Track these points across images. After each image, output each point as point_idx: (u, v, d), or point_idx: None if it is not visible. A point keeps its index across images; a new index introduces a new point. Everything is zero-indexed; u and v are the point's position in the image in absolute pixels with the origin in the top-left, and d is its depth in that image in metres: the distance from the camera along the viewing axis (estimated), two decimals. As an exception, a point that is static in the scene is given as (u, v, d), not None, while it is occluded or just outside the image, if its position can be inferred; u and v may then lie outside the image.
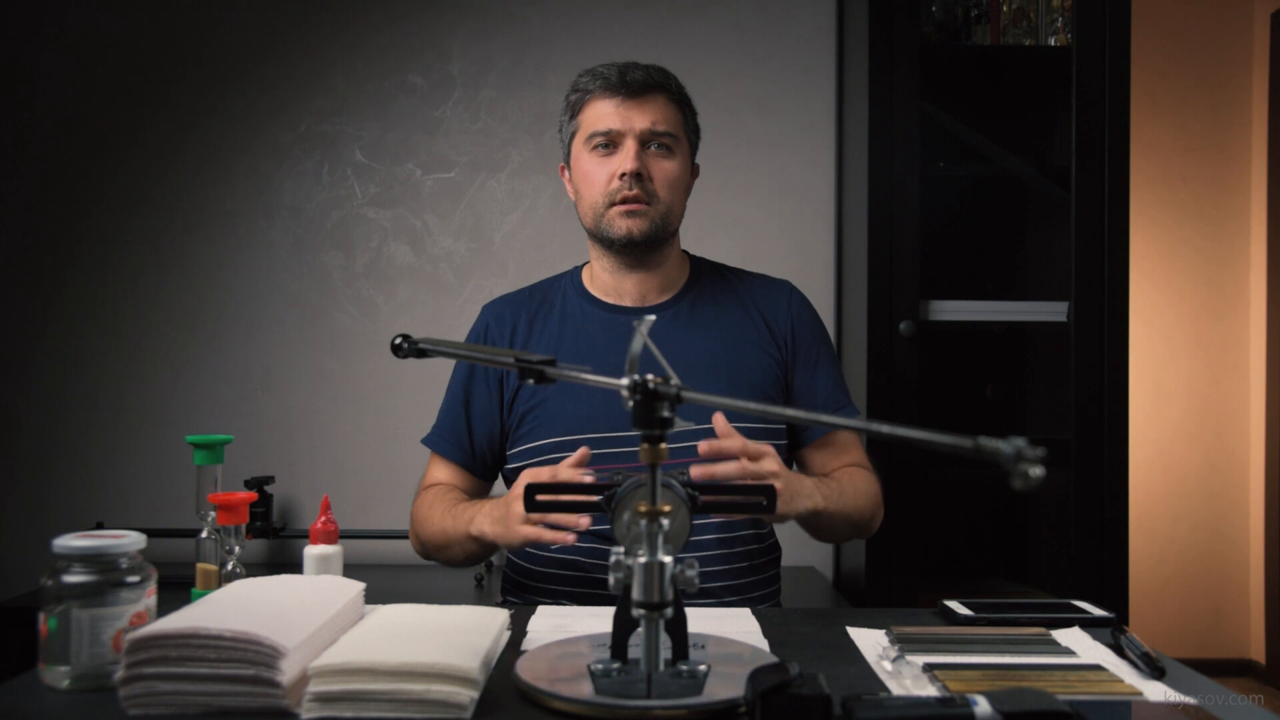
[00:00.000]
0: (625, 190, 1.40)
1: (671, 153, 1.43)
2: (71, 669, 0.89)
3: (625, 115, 1.41)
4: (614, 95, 1.41)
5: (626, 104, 1.41)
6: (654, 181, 1.42)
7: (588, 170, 1.44)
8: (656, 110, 1.42)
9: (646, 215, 1.41)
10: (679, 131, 1.45)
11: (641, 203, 1.41)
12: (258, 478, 2.45)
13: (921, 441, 0.71)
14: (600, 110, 1.42)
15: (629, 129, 1.41)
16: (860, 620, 1.12)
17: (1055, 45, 2.35)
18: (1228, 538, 3.25)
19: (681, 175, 1.46)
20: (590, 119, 1.43)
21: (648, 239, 1.42)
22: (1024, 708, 0.75)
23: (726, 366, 1.45)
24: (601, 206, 1.43)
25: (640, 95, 1.41)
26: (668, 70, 1.47)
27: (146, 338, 2.59)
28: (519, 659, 0.92)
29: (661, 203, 1.42)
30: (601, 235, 1.45)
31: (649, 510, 0.84)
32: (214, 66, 2.61)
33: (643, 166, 1.41)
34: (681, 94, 1.48)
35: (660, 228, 1.43)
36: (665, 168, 1.43)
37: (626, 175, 1.40)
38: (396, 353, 1.02)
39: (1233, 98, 3.25)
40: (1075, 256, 2.24)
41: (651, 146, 1.42)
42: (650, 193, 1.41)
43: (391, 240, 2.61)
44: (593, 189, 1.43)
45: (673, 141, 1.43)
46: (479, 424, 1.49)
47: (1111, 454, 2.22)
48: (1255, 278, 3.23)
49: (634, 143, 1.41)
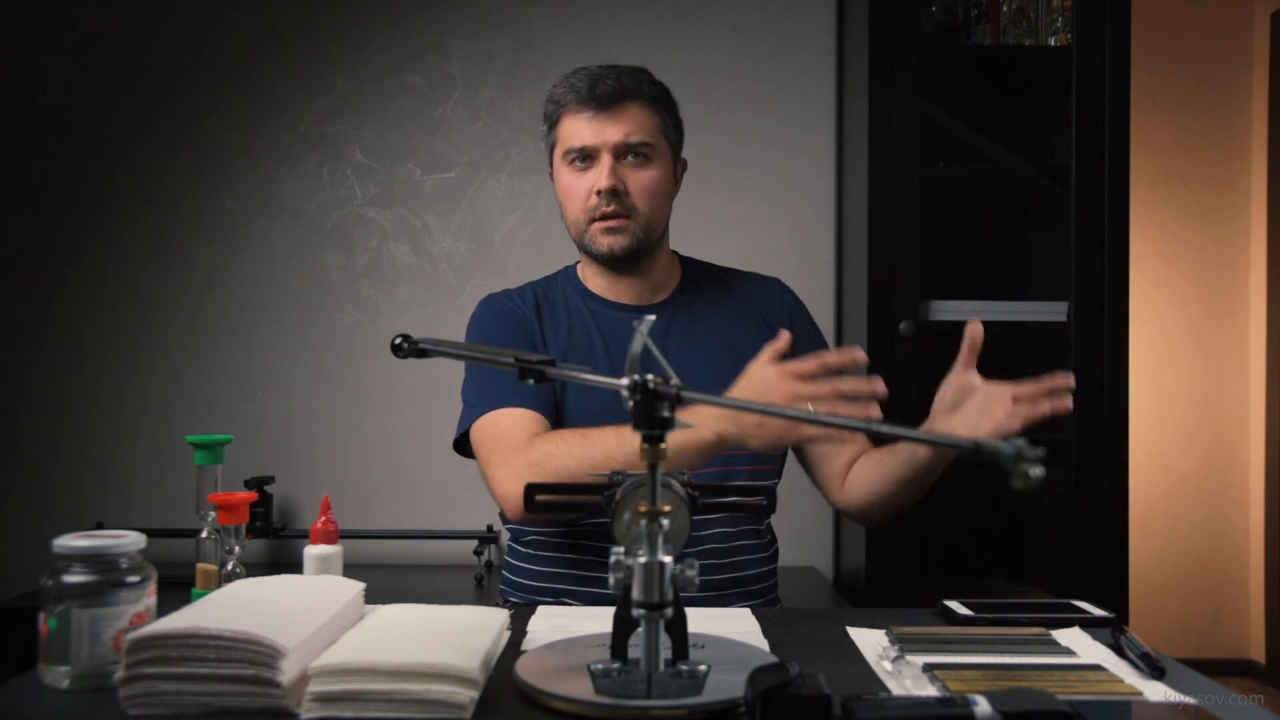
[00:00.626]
0: (603, 207, 1.39)
1: (649, 160, 1.41)
2: (71, 669, 0.89)
3: (598, 129, 1.39)
4: (586, 108, 1.39)
5: (599, 117, 1.39)
6: (631, 194, 1.40)
7: (566, 185, 1.43)
8: (630, 120, 1.39)
9: (626, 230, 1.40)
10: (654, 138, 1.42)
11: (620, 217, 1.39)
12: (258, 478, 2.46)
13: (921, 441, 0.71)
14: (573, 125, 1.40)
15: (602, 143, 1.39)
16: (860, 620, 1.12)
17: (1055, 45, 2.35)
18: (1228, 538, 3.25)
19: (661, 182, 1.43)
20: (565, 133, 1.42)
21: (629, 252, 1.41)
22: (1024, 708, 0.75)
23: (730, 366, 1.43)
24: (583, 222, 1.42)
25: (611, 106, 1.39)
26: (642, 71, 1.44)
27: (146, 338, 2.59)
28: (519, 659, 0.92)
29: (641, 214, 1.41)
30: (585, 249, 1.45)
31: (649, 510, 0.84)
32: (214, 67, 2.61)
33: (618, 181, 1.38)
34: (657, 96, 1.44)
35: (642, 240, 1.42)
36: (642, 178, 1.40)
37: (603, 192, 1.38)
38: (396, 353, 1.01)
39: (1233, 98, 3.25)
40: (1075, 256, 2.24)
41: (628, 157, 1.40)
42: (629, 206, 1.40)
43: (391, 240, 2.61)
44: (572, 204, 1.42)
45: (649, 150, 1.41)
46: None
47: (1111, 454, 2.22)
48: (1255, 278, 3.23)
49: (609, 157, 1.39)
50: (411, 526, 2.54)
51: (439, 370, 2.36)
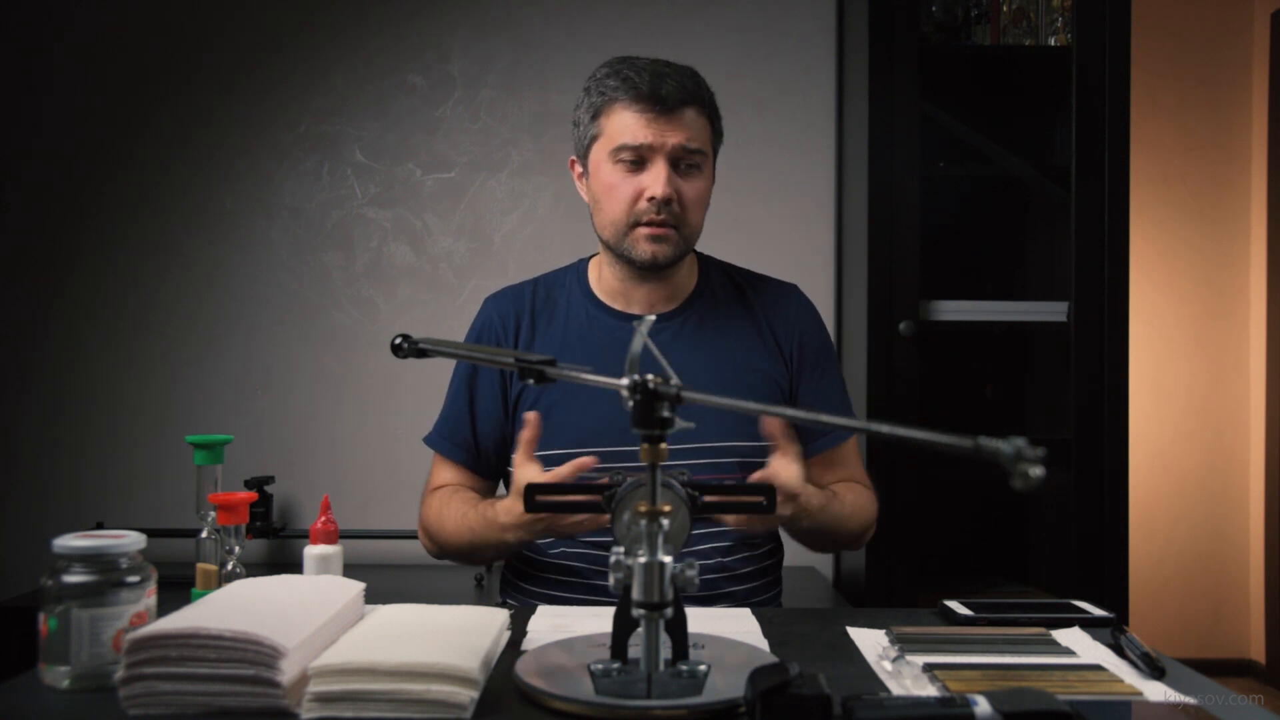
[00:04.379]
0: (653, 214, 1.33)
1: (700, 170, 1.36)
2: (71, 669, 0.89)
3: (658, 131, 1.32)
4: (645, 107, 1.32)
5: (660, 119, 1.32)
6: (683, 204, 1.34)
7: (611, 184, 1.35)
8: (689, 126, 1.33)
9: (671, 240, 1.35)
10: (709, 146, 1.37)
11: (669, 227, 1.34)
12: (258, 478, 2.45)
13: (921, 441, 0.71)
14: (628, 121, 1.33)
15: (661, 146, 1.32)
16: (860, 620, 1.12)
17: (1055, 45, 2.35)
18: (1228, 538, 3.25)
19: (708, 192, 1.39)
20: (617, 129, 1.34)
21: (670, 262, 1.38)
22: (1024, 708, 0.75)
23: (730, 382, 1.41)
24: (624, 225, 1.35)
25: (674, 109, 1.32)
26: (698, 75, 1.38)
27: (146, 338, 2.59)
28: (519, 659, 0.92)
29: (689, 226, 1.36)
30: (622, 253, 1.38)
31: (649, 510, 0.84)
32: (214, 67, 2.61)
33: (673, 189, 1.33)
34: (710, 102, 1.38)
35: (683, 251, 1.38)
36: (695, 187, 1.35)
37: (656, 199, 1.32)
38: (396, 353, 1.01)
39: (1233, 98, 3.25)
40: (1075, 256, 2.24)
41: (681, 165, 1.34)
42: (678, 217, 1.34)
43: (391, 240, 2.61)
44: (616, 205, 1.35)
45: (702, 159, 1.36)
46: (483, 424, 1.45)
47: (1111, 454, 2.22)
48: (1255, 278, 3.23)
49: (665, 164, 1.32)
50: (411, 526, 2.53)
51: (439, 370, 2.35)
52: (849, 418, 1.45)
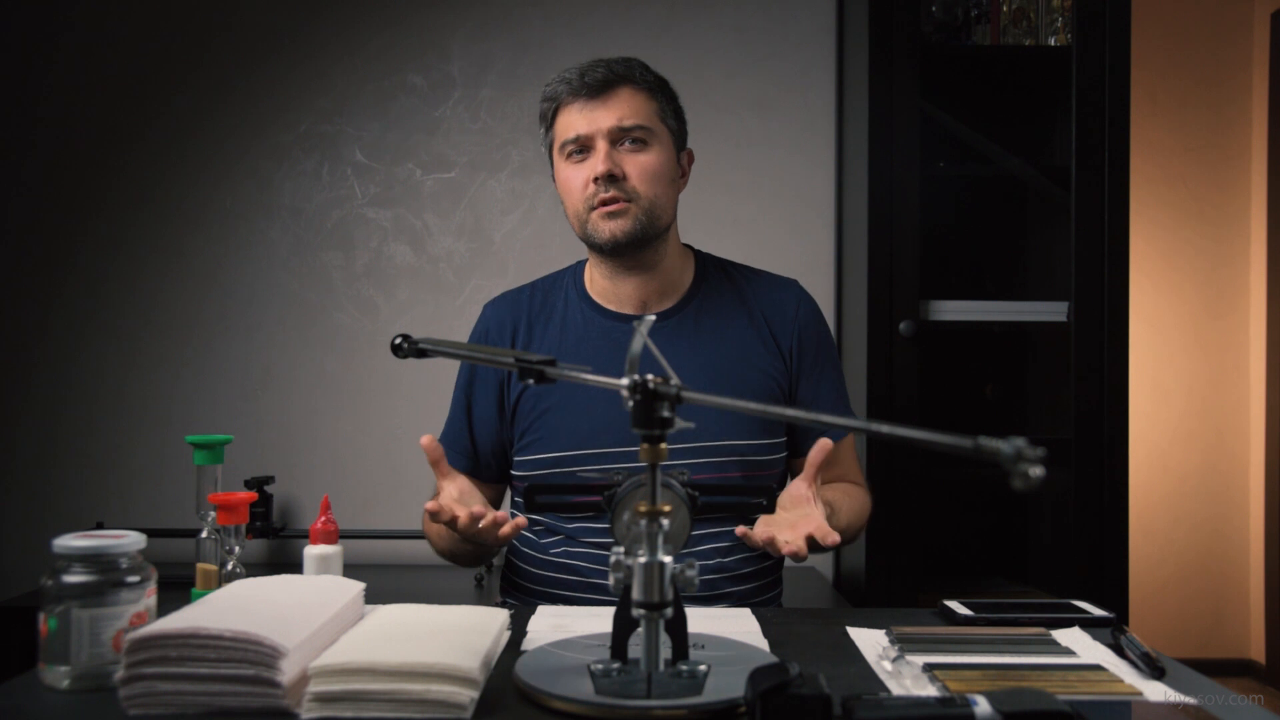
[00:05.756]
0: (601, 193, 1.36)
1: (646, 145, 1.38)
2: (71, 669, 0.89)
3: (590, 117, 1.37)
4: (578, 98, 1.38)
5: (590, 105, 1.37)
6: (630, 179, 1.37)
7: (565, 178, 1.41)
8: (622, 105, 1.37)
9: (628, 214, 1.37)
10: (652, 121, 1.39)
11: (620, 201, 1.36)
12: (258, 478, 2.45)
13: (921, 441, 0.71)
14: (568, 117, 1.39)
15: (596, 130, 1.36)
16: (860, 620, 1.12)
17: (1055, 45, 2.35)
18: (1228, 538, 3.25)
19: (663, 167, 1.40)
20: (561, 127, 1.40)
21: (633, 238, 1.38)
22: (1024, 708, 0.75)
23: (728, 380, 1.41)
24: (583, 213, 1.39)
25: (603, 93, 1.37)
26: (634, 60, 1.41)
27: (146, 338, 2.59)
28: (519, 659, 0.92)
29: (643, 198, 1.37)
30: (589, 241, 1.41)
31: (649, 510, 0.84)
32: (215, 67, 2.61)
33: (615, 166, 1.36)
34: (650, 81, 1.41)
35: (646, 225, 1.38)
36: (640, 161, 1.37)
37: (600, 178, 1.36)
38: (396, 353, 1.01)
39: (1233, 98, 3.25)
40: (1075, 256, 2.24)
41: (625, 143, 1.37)
42: (629, 190, 1.37)
43: (391, 240, 2.61)
44: (572, 197, 1.40)
45: (646, 134, 1.38)
46: (481, 430, 1.47)
47: (1111, 454, 2.22)
48: (1255, 278, 3.23)
49: (604, 143, 1.36)
50: (411, 526, 2.53)
51: (439, 370, 2.36)
52: (848, 416, 1.46)
